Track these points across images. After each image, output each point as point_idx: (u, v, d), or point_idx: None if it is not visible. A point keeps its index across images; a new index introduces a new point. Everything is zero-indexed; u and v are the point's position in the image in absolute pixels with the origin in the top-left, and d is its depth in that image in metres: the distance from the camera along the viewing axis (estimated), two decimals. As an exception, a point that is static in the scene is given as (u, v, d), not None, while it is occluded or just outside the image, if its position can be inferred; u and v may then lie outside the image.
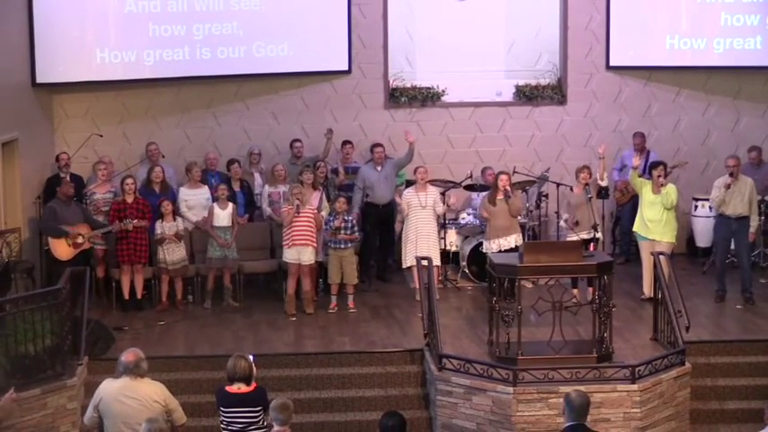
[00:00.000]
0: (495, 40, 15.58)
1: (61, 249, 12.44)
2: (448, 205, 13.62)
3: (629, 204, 14.40)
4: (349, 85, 15.27)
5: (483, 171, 14.44)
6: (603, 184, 13.39)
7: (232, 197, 13.63)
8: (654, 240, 12.64)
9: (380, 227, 14.04)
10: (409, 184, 14.22)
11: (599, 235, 12.91)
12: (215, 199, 13.27)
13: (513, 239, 12.98)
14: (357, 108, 15.32)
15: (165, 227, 12.92)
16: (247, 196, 13.89)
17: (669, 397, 10.36)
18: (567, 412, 7.21)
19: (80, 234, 12.50)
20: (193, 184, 13.59)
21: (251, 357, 8.36)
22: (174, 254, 12.95)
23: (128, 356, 7.99)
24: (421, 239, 13.04)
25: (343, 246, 12.81)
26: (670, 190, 12.71)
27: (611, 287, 10.87)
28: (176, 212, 13.16)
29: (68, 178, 13.47)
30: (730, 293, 12.97)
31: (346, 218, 12.87)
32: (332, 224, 12.76)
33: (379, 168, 13.96)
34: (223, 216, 13.11)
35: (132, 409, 7.84)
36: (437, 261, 13.12)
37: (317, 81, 15.25)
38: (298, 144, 14.62)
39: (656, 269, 11.37)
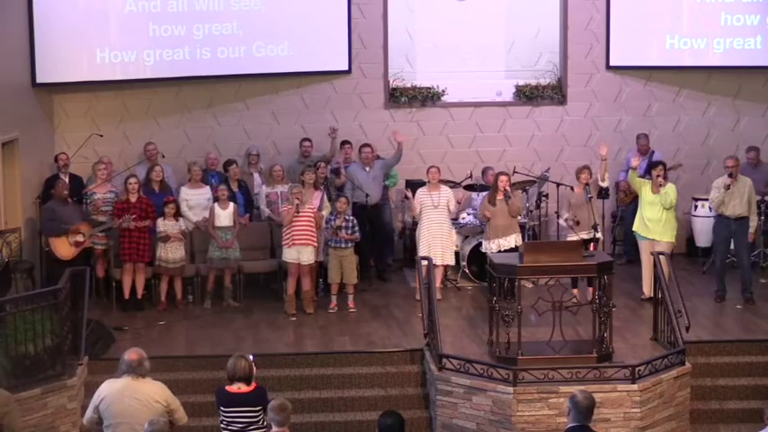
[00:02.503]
0: (495, 40, 15.58)
1: (63, 249, 12.42)
2: (458, 202, 13.60)
3: (632, 205, 14.37)
4: (349, 85, 15.27)
5: (484, 171, 14.43)
6: (604, 185, 13.37)
7: (232, 197, 13.64)
8: (654, 240, 12.65)
9: (371, 227, 13.99)
10: (409, 184, 14.22)
11: (599, 235, 12.91)
12: (216, 199, 13.27)
13: (513, 239, 12.98)
14: (357, 108, 15.32)
15: (167, 225, 12.91)
16: (246, 196, 13.88)
17: (669, 397, 10.36)
18: (574, 414, 7.17)
19: (80, 232, 12.48)
20: (194, 184, 13.59)
21: (251, 357, 8.36)
22: (175, 252, 12.95)
23: (131, 355, 7.97)
24: (434, 240, 13.03)
25: (343, 245, 12.81)
26: (669, 190, 12.71)
27: (611, 287, 10.86)
28: (179, 213, 13.15)
29: (68, 178, 13.48)
30: (730, 293, 12.97)
31: (347, 217, 12.88)
32: (332, 223, 12.76)
33: (367, 169, 13.96)
34: (224, 216, 13.11)
35: (133, 410, 7.81)
36: (450, 261, 13.16)
37: (317, 81, 15.25)
38: (306, 143, 14.61)
39: (656, 269, 11.37)
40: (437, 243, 13.03)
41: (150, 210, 12.90)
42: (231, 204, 13.19)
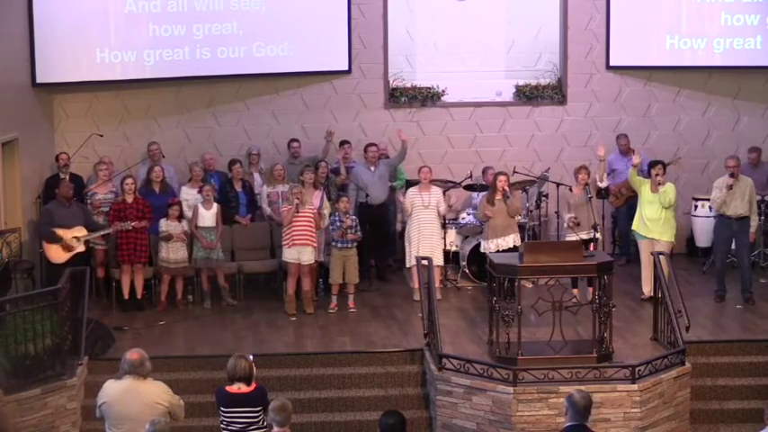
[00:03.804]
0: (495, 40, 15.58)
1: (54, 254, 12.36)
2: (449, 205, 13.61)
3: (625, 207, 14.39)
4: (349, 85, 15.27)
5: (484, 171, 14.42)
6: (603, 185, 13.37)
7: (234, 197, 13.64)
8: (653, 239, 12.64)
9: (376, 227, 14.02)
10: (409, 184, 14.22)
11: (598, 235, 12.90)
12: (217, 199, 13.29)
13: (512, 239, 12.98)
14: (357, 108, 15.32)
15: (170, 225, 12.92)
16: (249, 196, 13.88)
17: (669, 397, 10.36)
18: (571, 413, 7.19)
19: (74, 237, 12.44)
20: (195, 184, 13.58)
21: (251, 357, 8.36)
22: (177, 252, 12.95)
23: (132, 355, 7.95)
24: (423, 239, 13.02)
25: (349, 245, 12.81)
26: (669, 189, 12.72)
27: (611, 287, 10.86)
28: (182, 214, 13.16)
29: (68, 178, 13.47)
30: (730, 293, 12.96)
31: (353, 217, 12.88)
32: (339, 224, 12.75)
33: (372, 168, 13.96)
34: (208, 216, 13.09)
35: (135, 411, 7.78)
36: (440, 261, 13.14)
37: (317, 81, 15.25)
38: (295, 144, 14.61)
39: (656, 269, 11.37)
40: (426, 243, 13.02)
41: (147, 210, 12.88)
42: (215, 205, 13.18)
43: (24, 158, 13.41)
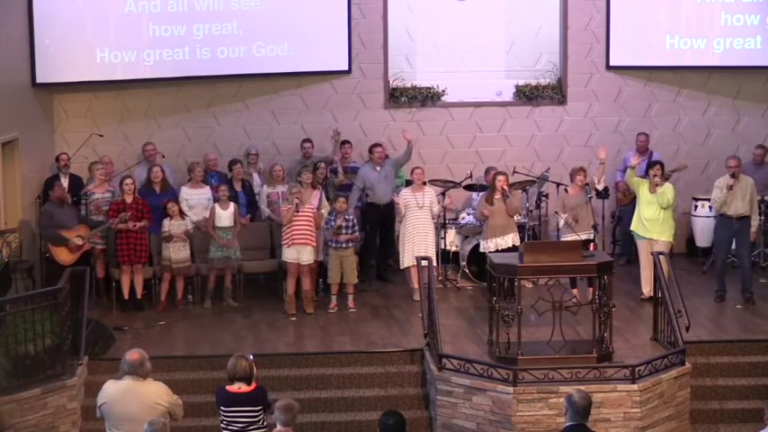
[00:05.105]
0: (495, 40, 15.58)
1: (63, 255, 12.40)
2: (444, 206, 13.61)
3: (631, 206, 14.36)
4: (349, 85, 15.27)
5: (487, 171, 14.41)
6: (600, 187, 13.34)
7: (234, 197, 13.65)
8: (651, 239, 12.65)
9: (381, 227, 14.05)
10: (409, 184, 14.22)
11: (595, 236, 12.89)
12: (216, 199, 13.27)
13: (510, 239, 12.99)
14: (357, 108, 15.32)
15: (173, 225, 12.93)
16: (249, 196, 13.88)
17: (669, 397, 10.36)
18: (571, 413, 7.19)
19: (80, 236, 12.47)
20: (195, 184, 13.58)
21: (251, 357, 8.36)
22: (179, 252, 12.96)
23: (132, 355, 7.95)
24: (417, 239, 13.03)
25: (344, 245, 12.81)
26: (667, 189, 12.72)
27: (611, 287, 10.86)
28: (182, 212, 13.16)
29: (68, 178, 13.47)
30: (730, 293, 12.96)
31: (347, 217, 12.88)
32: (333, 224, 12.77)
33: (378, 168, 13.96)
34: (225, 216, 13.11)
35: (135, 411, 7.77)
36: (433, 261, 13.13)
37: (317, 81, 15.25)
38: (307, 144, 14.61)
39: (655, 269, 11.37)
40: (421, 243, 13.02)
41: (146, 210, 12.89)
42: (232, 204, 13.20)
43: (24, 158, 13.41)
